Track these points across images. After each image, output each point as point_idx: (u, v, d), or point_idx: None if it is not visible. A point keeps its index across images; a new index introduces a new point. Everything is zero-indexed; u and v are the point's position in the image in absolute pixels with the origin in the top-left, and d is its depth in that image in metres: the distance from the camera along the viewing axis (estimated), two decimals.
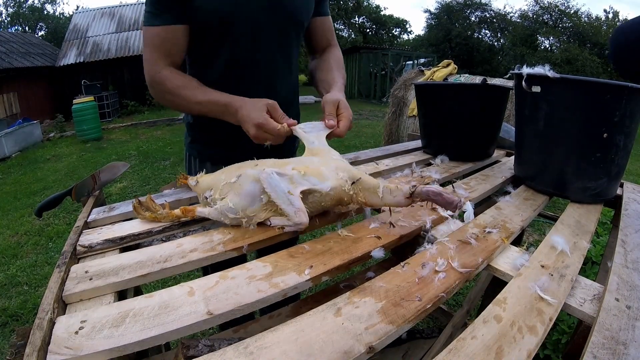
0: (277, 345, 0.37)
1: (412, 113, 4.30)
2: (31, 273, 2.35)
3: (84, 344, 0.37)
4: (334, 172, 0.61)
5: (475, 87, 1.07)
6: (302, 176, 0.59)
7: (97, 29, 11.43)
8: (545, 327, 0.41)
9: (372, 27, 23.90)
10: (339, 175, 0.61)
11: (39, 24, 22.42)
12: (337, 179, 0.60)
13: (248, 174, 0.60)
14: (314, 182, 0.59)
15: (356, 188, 0.61)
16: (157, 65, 0.81)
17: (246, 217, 0.60)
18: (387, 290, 0.45)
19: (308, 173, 0.60)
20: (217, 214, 0.61)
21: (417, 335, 0.94)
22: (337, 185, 0.60)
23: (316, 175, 0.60)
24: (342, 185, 0.60)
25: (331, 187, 0.59)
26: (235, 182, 0.61)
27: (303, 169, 0.60)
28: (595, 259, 1.49)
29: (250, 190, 0.59)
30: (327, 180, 0.59)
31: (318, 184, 0.59)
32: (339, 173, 0.61)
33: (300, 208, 0.56)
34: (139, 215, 0.65)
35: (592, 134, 0.72)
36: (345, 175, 0.61)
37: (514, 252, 0.58)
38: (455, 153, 1.07)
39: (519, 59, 16.12)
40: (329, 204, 0.62)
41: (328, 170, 0.61)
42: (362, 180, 0.61)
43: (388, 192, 0.60)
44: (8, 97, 8.56)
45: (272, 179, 0.57)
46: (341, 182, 0.60)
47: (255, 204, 0.59)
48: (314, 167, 0.61)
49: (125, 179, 4.19)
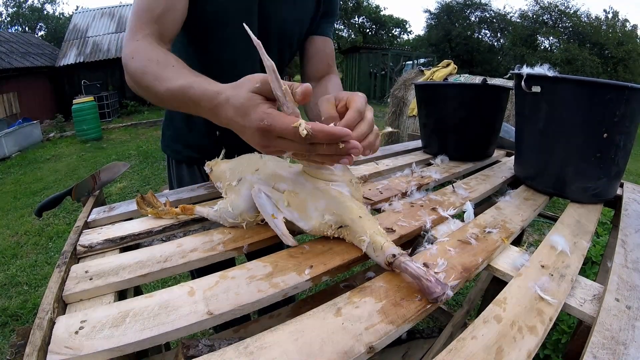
0: (277, 345, 0.37)
1: (412, 113, 4.30)
2: (31, 273, 2.35)
3: (84, 344, 0.37)
4: (319, 213, 0.55)
5: (475, 87, 1.07)
6: (286, 207, 0.56)
7: (97, 29, 11.44)
8: (545, 327, 0.41)
9: (372, 27, 23.90)
10: (324, 219, 0.55)
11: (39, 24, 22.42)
12: (320, 222, 0.55)
13: (247, 180, 0.61)
14: (295, 216, 0.56)
15: (342, 232, 0.55)
16: (136, 33, 0.62)
17: (245, 220, 0.60)
18: (387, 290, 0.45)
19: (292, 205, 0.56)
20: (216, 217, 0.62)
21: (417, 335, 0.94)
22: (318, 228, 0.55)
23: (300, 211, 0.56)
24: (324, 229, 0.55)
25: (310, 227, 0.56)
26: (236, 186, 0.62)
27: (290, 199, 0.56)
28: (595, 259, 1.49)
29: (248, 196, 0.59)
30: (309, 219, 0.55)
31: (299, 220, 0.56)
32: (325, 216, 0.55)
33: (283, 233, 0.55)
34: (142, 210, 0.66)
35: (592, 134, 0.72)
36: (332, 220, 0.55)
37: (514, 252, 0.58)
38: (455, 153, 1.07)
39: (519, 59, 16.12)
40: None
41: (314, 208, 0.55)
42: (349, 228, 0.54)
43: (371, 250, 0.51)
44: (8, 97, 8.56)
45: (260, 199, 0.57)
46: (324, 227, 0.55)
47: (253, 208, 0.60)
48: (301, 199, 0.56)
49: (125, 179, 4.19)
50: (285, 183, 0.58)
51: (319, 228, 0.55)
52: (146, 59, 0.59)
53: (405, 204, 0.72)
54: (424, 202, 0.73)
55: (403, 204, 0.71)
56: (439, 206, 0.70)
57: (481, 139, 1.07)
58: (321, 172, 0.58)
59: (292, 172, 0.60)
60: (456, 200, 0.74)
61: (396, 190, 0.78)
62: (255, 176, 0.61)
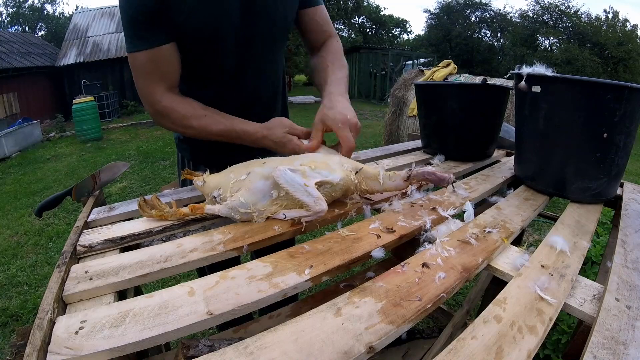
0: (277, 345, 0.37)
1: (412, 113, 4.30)
2: (31, 273, 2.35)
3: (84, 344, 0.37)
4: (339, 165, 0.67)
5: (475, 87, 1.07)
6: (313, 170, 0.64)
7: (97, 28, 11.44)
8: (545, 327, 0.41)
9: (372, 27, 23.91)
10: (344, 167, 0.67)
11: (39, 24, 22.43)
12: (343, 170, 0.66)
13: (257, 172, 0.64)
14: (325, 174, 0.64)
15: (359, 177, 0.68)
16: (155, 95, 0.74)
17: (257, 211, 0.62)
18: (387, 290, 0.45)
19: (317, 167, 0.65)
20: (228, 210, 0.62)
21: (417, 335, 0.94)
22: (345, 175, 0.66)
23: (325, 168, 0.65)
24: (348, 175, 0.66)
25: (340, 177, 0.65)
26: (245, 179, 0.64)
27: (312, 164, 0.65)
28: (595, 259, 1.49)
29: (260, 186, 0.63)
30: (335, 171, 0.65)
31: (329, 175, 0.64)
32: (344, 164, 0.67)
33: (318, 196, 0.60)
34: (144, 214, 0.65)
35: (592, 134, 0.72)
36: (350, 166, 0.68)
37: (514, 252, 0.58)
38: (455, 153, 1.07)
39: (519, 59, 16.12)
40: (339, 194, 0.67)
41: (333, 163, 0.67)
42: (364, 170, 0.69)
43: (387, 178, 0.69)
44: (8, 97, 8.56)
45: (287, 175, 0.61)
46: (347, 173, 0.66)
47: (266, 199, 0.63)
48: (322, 161, 0.67)
49: (125, 179, 4.19)
50: (299, 160, 0.67)
51: (345, 175, 0.66)
52: (181, 117, 0.75)
53: (405, 204, 0.72)
54: (424, 202, 0.73)
55: (403, 204, 0.71)
56: (439, 206, 0.70)
57: (481, 139, 1.07)
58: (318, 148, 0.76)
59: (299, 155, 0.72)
60: (456, 200, 0.74)
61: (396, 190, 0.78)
62: (265, 167, 0.64)
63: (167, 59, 0.73)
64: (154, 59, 0.71)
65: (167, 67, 0.74)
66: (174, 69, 0.75)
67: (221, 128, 0.76)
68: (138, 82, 0.74)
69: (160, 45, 0.70)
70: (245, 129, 0.76)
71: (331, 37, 0.95)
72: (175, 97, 0.76)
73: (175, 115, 0.75)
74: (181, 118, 0.75)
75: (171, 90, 0.76)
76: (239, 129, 0.76)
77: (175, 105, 0.75)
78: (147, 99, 0.75)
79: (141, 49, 0.70)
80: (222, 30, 0.74)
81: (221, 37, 0.75)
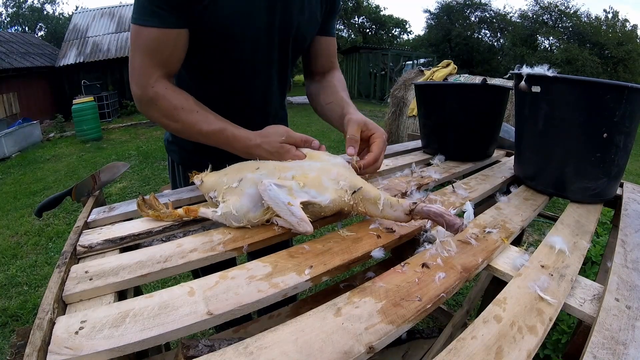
0: (277, 345, 0.37)
1: (412, 113, 4.31)
2: (31, 273, 2.35)
3: (84, 344, 0.37)
4: (334, 182, 0.60)
5: (475, 87, 1.07)
6: (301, 188, 0.58)
7: (97, 29, 11.43)
8: (545, 327, 0.41)
9: (371, 27, 23.90)
10: (339, 185, 0.60)
11: (38, 24, 22.44)
12: (336, 189, 0.59)
13: (248, 179, 0.61)
14: (313, 194, 0.58)
15: (356, 197, 0.60)
16: (150, 77, 0.68)
17: (249, 222, 0.60)
18: (387, 290, 0.45)
19: (307, 184, 0.59)
20: (222, 220, 0.61)
21: (417, 335, 0.94)
22: (337, 196, 0.59)
23: (315, 187, 0.59)
24: (341, 195, 0.59)
25: (330, 199, 0.58)
26: (237, 187, 0.61)
27: (302, 180, 0.59)
28: (595, 259, 1.49)
29: (252, 194, 0.59)
30: (326, 191, 0.59)
31: (317, 196, 0.58)
32: (340, 182, 0.60)
33: (302, 218, 0.55)
34: (142, 213, 0.65)
35: (592, 134, 0.72)
36: (346, 184, 0.60)
37: (514, 252, 0.58)
38: (455, 153, 1.07)
39: (519, 59, 16.11)
40: (329, 214, 0.62)
41: (328, 179, 0.60)
42: (362, 190, 0.60)
43: (388, 205, 0.58)
44: (8, 97, 8.56)
45: (271, 191, 0.57)
46: (341, 193, 0.59)
47: (257, 208, 0.60)
48: (314, 177, 0.61)
49: (125, 179, 4.19)
50: (292, 170, 0.62)
51: (337, 197, 0.59)
52: (172, 107, 0.69)
53: None
54: (424, 202, 0.73)
55: None
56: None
57: (481, 139, 1.07)
58: (318, 154, 0.69)
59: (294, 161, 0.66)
60: (456, 200, 0.74)
61: (396, 191, 0.78)
62: (257, 174, 0.61)
63: (174, 44, 0.68)
64: (160, 39, 0.66)
65: (171, 52, 0.69)
66: (176, 58, 0.71)
67: (212, 128, 0.70)
68: (135, 60, 0.68)
69: (172, 28, 0.66)
70: (238, 134, 0.70)
71: (337, 68, 0.97)
72: (170, 86, 0.71)
73: (165, 103, 0.69)
74: (171, 108, 0.69)
75: (167, 78, 0.71)
76: (230, 133, 0.70)
77: (168, 93, 0.69)
78: (139, 80, 0.68)
79: (150, 25, 0.65)
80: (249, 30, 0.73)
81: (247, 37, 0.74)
